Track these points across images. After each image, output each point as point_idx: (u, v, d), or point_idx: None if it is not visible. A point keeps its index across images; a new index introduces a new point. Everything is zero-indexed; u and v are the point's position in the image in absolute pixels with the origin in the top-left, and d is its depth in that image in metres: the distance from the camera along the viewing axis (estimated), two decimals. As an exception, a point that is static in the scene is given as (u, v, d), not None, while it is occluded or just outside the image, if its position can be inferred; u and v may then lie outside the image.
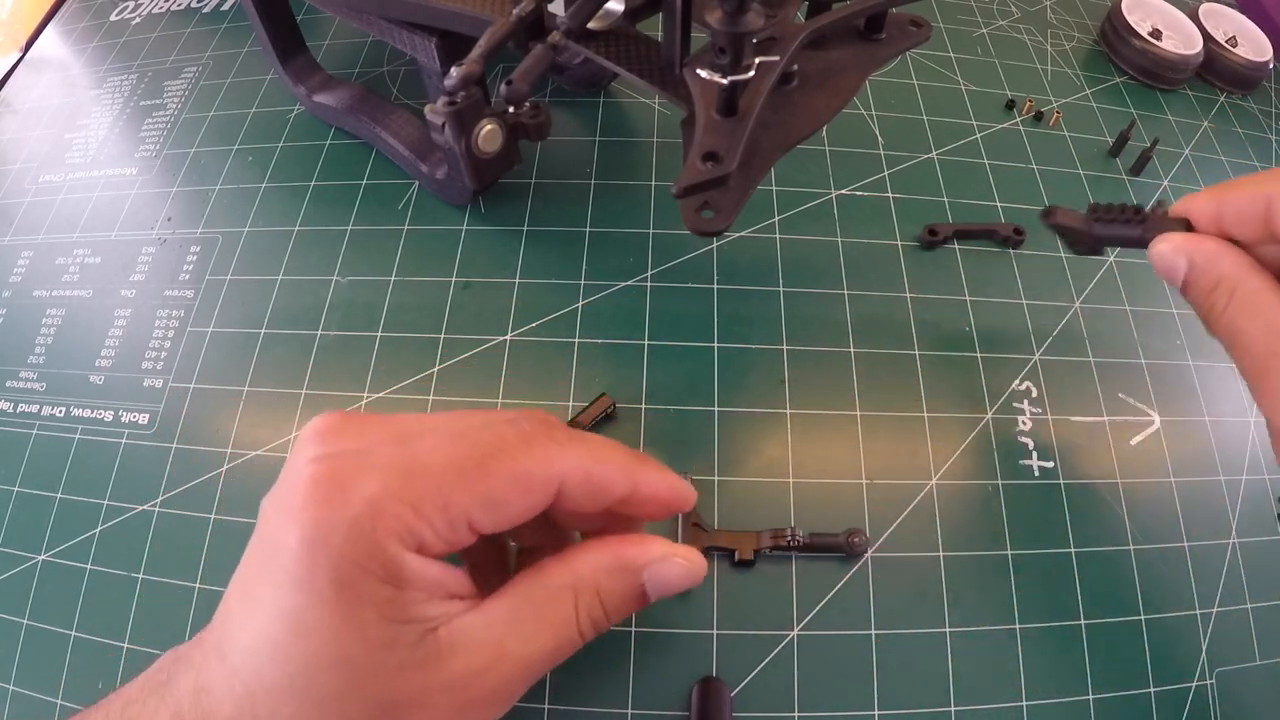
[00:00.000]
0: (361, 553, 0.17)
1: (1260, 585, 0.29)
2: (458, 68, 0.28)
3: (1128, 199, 0.39)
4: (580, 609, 0.20)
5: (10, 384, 0.35)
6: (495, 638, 0.18)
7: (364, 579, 0.17)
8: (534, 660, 0.19)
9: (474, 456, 0.18)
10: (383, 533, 0.17)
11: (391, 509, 0.17)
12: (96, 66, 0.48)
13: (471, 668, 0.18)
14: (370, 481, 0.17)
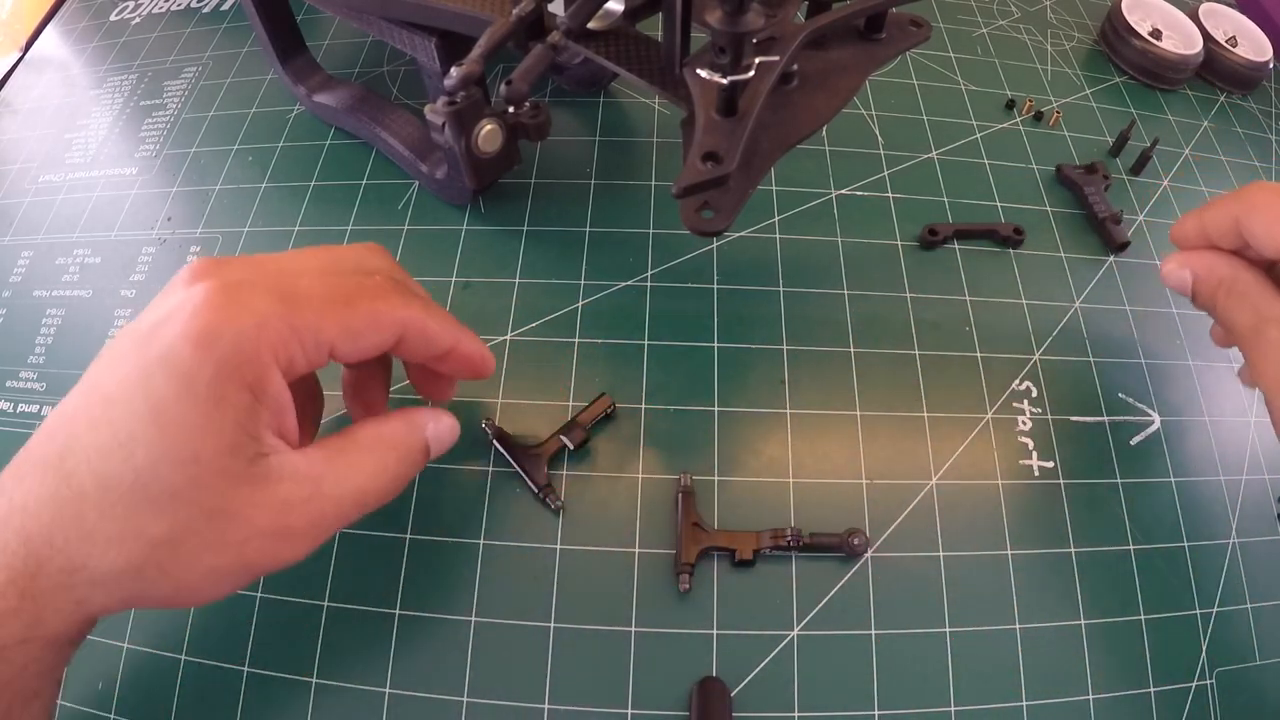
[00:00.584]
0: (243, 359, 0.19)
1: (1260, 585, 0.29)
2: (458, 68, 0.28)
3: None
4: (387, 463, 0.23)
5: (10, 384, 0.35)
6: (314, 474, 0.21)
7: (235, 384, 0.19)
8: (345, 501, 0.22)
9: (343, 294, 0.22)
10: (263, 345, 0.19)
11: (275, 325, 0.20)
12: (96, 66, 0.48)
13: (292, 496, 0.20)
14: (260, 299, 0.20)
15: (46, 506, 0.19)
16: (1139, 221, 0.38)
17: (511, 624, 0.27)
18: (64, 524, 0.19)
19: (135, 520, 0.19)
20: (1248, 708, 0.27)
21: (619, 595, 0.27)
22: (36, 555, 0.19)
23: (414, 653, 0.27)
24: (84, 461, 0.19)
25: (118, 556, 0.19)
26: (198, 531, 0.19)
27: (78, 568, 0.19)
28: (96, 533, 0.19)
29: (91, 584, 0.19)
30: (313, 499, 0.21)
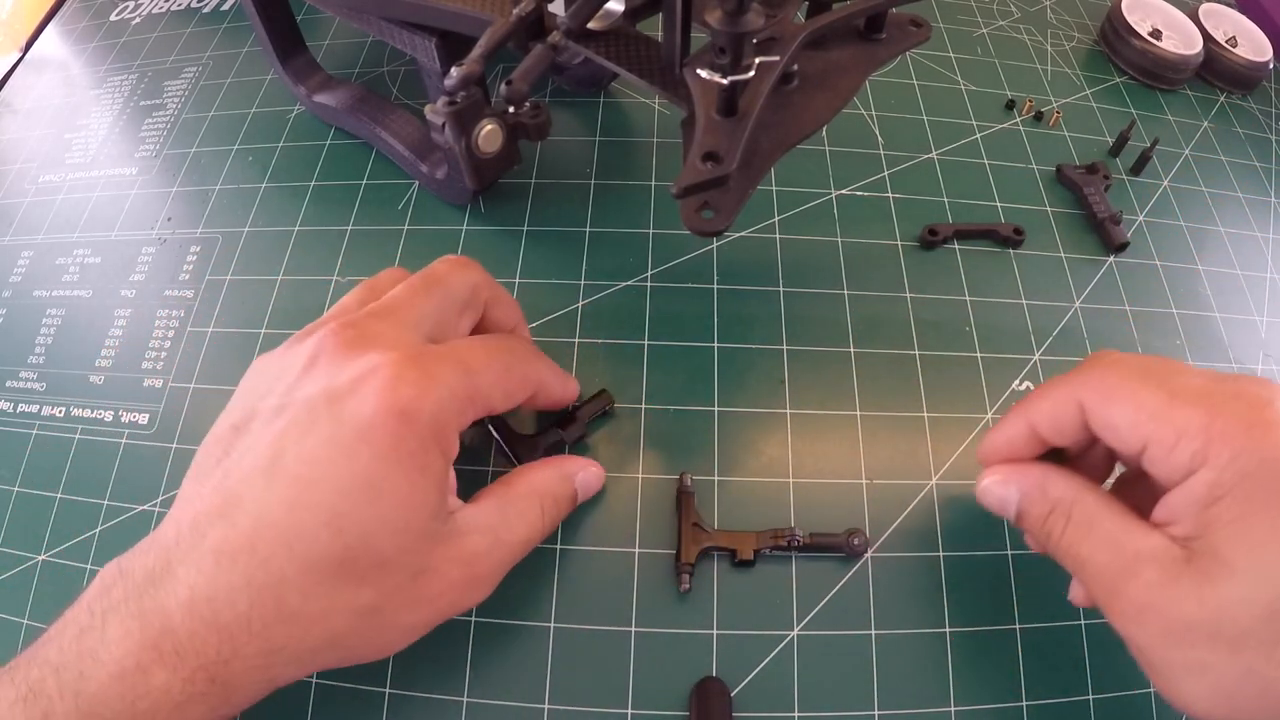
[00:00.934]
0: (439, 429, 0.21)
1: (1260, 585, 0.29)
2: (458, 68, 0.28)
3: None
4: (546, 513, 0.25)
5: (10, 384, 0.35)
6: (492, 525, 0.23)
7: (435, 452, 0.21)
8: (515, 546, 0.24)
9: (506, 364, 0.24)
10: (452, 415, 0.21)
11: (462, 396, 0.22)
12: (96, 66, 0.48)
13: (479, 548, 0.22)
14: (447, 373, 0.21)
15: (242, 594, 0.18)
16: (1139, 222, 0.38)
17: (511, 624, 0.27)
18: (263, 609, 0.18)
19: (343, 595, 0.19)
20: (1248, 708, 0.27)
21: (619, 595, 0.27)
22: (232, 642, 0.18)
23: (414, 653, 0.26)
24: (283, 546, 0.19)
25: (321, 632, 0.19)
26: (402, 593, 0.20)
27: (276, 649, 0.19)
28: (300, 614, 0.19)
29: (288, 662, 0.19)
30: (494, 548, 0.23)
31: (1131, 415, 0.20)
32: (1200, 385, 0.20)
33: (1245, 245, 0.39)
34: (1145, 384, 0.20)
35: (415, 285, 0.25)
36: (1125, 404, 0.21)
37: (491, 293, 0.27)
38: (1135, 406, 0.20)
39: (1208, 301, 0.36)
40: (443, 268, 0.26)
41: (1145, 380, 0.21)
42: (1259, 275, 0.38)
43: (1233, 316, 0.36)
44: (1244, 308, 0.37)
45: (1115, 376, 0.21)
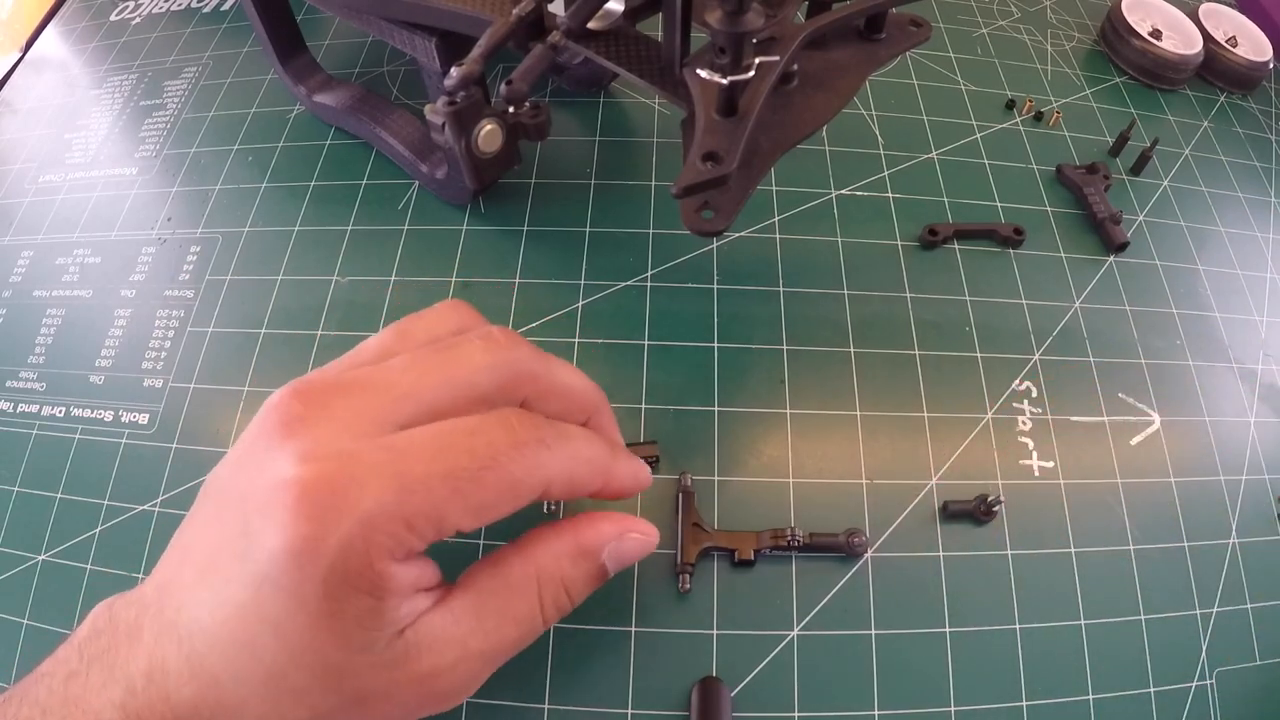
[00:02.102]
0: (352, 570, 0.17)
1: (1260, 585, 0.29)
2: (458, 68, 0.28)
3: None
4: (545, 599, 0.20)
5: (10, 384, 0.35)
6: (460, 635, 0.19)
7: (351, 594, 0.17)
8: (496, 654, 0.20)
9: (469, 469, 0.18)
10: (375, 551, 0.17)
11: (386, 527, 0.17)
12: (96, 66, 0.48)
13: (438, 666, 0.18)
14: (365, 497, 0.17)
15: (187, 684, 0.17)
16: (1139, 221, 0.38)
17: (511, 624, 0.27)
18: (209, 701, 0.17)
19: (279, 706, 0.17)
20: (1248, 708, 0.27)
21: (619, 595, 0.27)
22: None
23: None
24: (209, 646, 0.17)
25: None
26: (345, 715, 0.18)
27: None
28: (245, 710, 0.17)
29: None
30: (460, 662, 0.19)
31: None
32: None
33: (1245, 245, 0.39)
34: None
35: (421, 358, 0.20)
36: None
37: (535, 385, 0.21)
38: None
39: (1208, 301, 0.36)
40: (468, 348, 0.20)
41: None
42: (1259, 275, 0.38)
43: (1233, 316, 0.36)
44: (1244, 308, 0.37)
45: None
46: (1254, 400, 0.34)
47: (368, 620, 0.17)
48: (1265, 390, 0.34)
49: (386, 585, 0.17)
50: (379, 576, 0.17)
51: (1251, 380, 0.34)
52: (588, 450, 0.21)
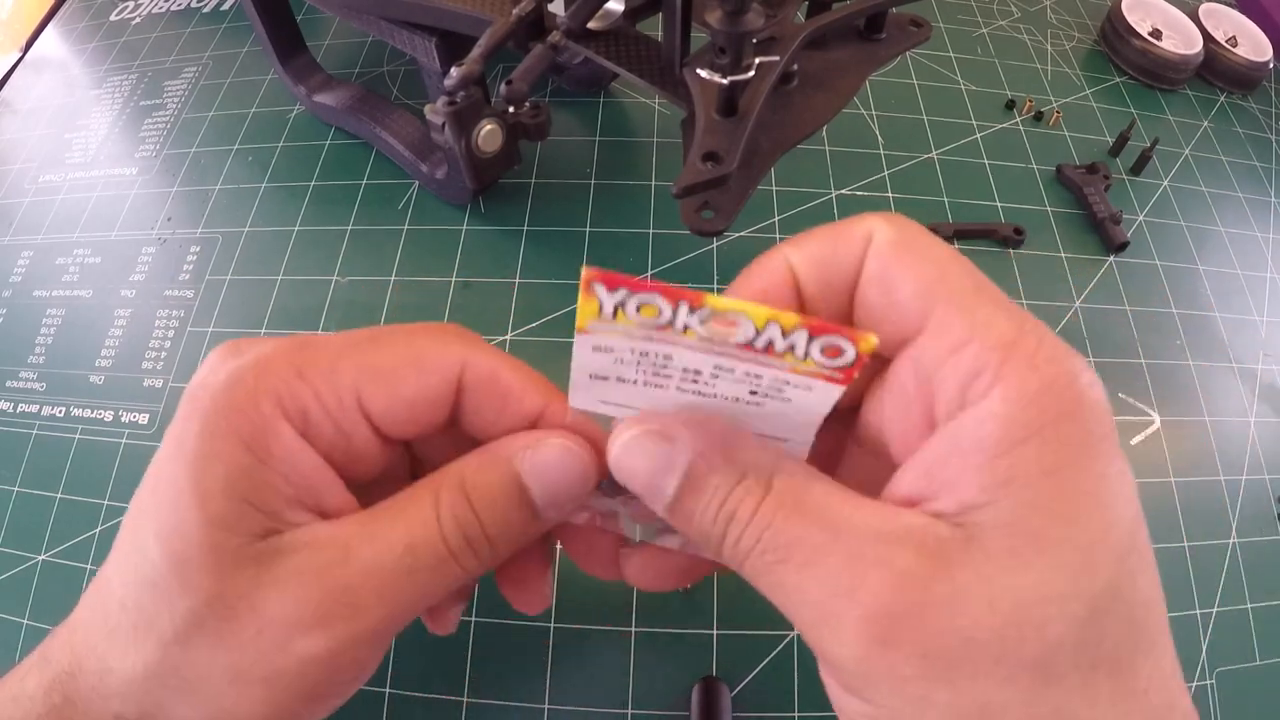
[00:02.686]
0: (233, 404, 0.15)
1: (1260, 585, 0.29)
2: (458, 68, 0.28)
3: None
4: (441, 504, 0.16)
5: (10, 384, 0.35)
6: (341, 537, 0.16)
7: (226, 439, 0.15)
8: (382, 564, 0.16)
9: (369, 336, 0.17)
10: (261, 391, 0.15)
11: (274, 368, 0.16)
12: (96, 66, 0.48)
13: (310, 564, 0.15)
14: (261, 346, 0.16)
15: (88, 600, 0.17)
16: (1139, 221, 0.38)
17: (511, 624, 0.27)
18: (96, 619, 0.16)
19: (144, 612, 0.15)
20: (1248, 708, 0.27)
21: (619, 595, 0.27)
22: (77, 652, 0.16)
23: (414, 654, 0.27)
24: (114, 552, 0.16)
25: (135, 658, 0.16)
26: (202, 623, 0.15)
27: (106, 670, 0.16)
28: (117, 629, 0.16)
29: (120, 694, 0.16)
30: (334, 566, 0.15)
31: (925, 277, 0.15)
32: (1008, 301, 0.15)
33: (1245, 245, 0.39)
34: (954, 260, 0.15)
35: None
36: (923, 263, 0.15)
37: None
38: (934, 271, 0.15)
39: (1208, 301, 0.36)
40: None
41: (955, 258, 0.15)
42: (1259, 275, 0.38)
43: (1233, 316, 0.36)
44: (1244, 308, 0.37)
45: (920, 232, 0.15)
46: (1254, 400, 0.34)
47: (241, 482, 0.15)
48: (1265, 390, 0.34)
49: (268, 439, 0.15)
50: (264, 426, 0.15)
51: (1251, 380, 0.34)
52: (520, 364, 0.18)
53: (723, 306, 0.13)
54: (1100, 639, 0.13)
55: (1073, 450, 0.13)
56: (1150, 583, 0.14)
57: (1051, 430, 0.13)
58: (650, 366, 0.15)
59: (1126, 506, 0.13)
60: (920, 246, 0.15)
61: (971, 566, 0.13)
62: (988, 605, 0.13)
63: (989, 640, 0.13)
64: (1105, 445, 0.13)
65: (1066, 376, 0.13)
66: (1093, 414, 0.13)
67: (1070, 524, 0.13)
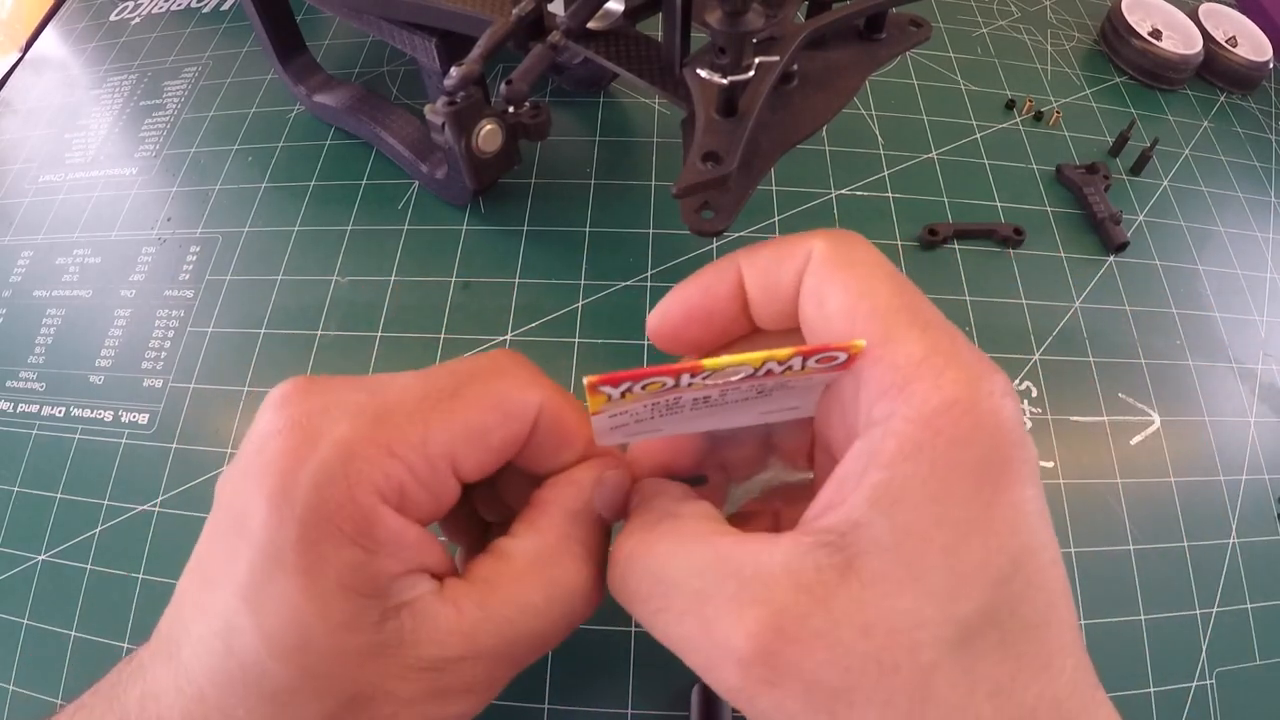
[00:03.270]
0: (330, 504, 0.15)
1: (1260, 585, 0.29)
2: (458, 68, 0.28)
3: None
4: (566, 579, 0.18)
5: (10, 384, 0.35)
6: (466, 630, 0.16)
7: (331, 536, 0.15)
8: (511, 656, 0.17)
9: (449, 387, 0.17)
10: (354, 479, 0.15)
11: (364, 452, 0.15)
12: (96, 66, 0.48)
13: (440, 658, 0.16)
14: (339, 425, 0.15)
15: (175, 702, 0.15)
16: (1139, 221, 0.38)
17: (511, 624, 0.27)
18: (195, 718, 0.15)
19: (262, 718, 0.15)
20: (1248, 708, 0.27)
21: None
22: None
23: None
24: (194, 655, 0.15)
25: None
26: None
27: None
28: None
29: None
30: (466, 660, 0.16)
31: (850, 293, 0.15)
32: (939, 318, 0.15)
33: (1245, 245, 0.39)
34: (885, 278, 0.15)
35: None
36: (851, 280, 0.15)
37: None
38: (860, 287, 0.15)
39: (1208, 301, 0.36)
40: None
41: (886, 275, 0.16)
42: (1259, 275, 0.38)
43: (1233, 316, 0.36)
44: (1244, 308, 0.37)
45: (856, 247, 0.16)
46: (1254, 400, 0.34)
47: (353, 579, 0.15)
48: (1265, 390, 0.34)
49: (374, 530, 0.15)
50: (364, 515, 0.15)
51: (1251, 380, 0.34)
52: (572, 399, 0.19)
53: (721, 365, 0.14)
54: (976, 660, 0.13)
55: (960, 476, 0.13)
56: (1041, 607, 0.14)
57: (943, 453, 0.13)
58: (664, 409, 0.17)
59: (1013, 535, 0.14)
60: (853, 263, 0.16)
61: (847, 594, 0.13)
62: (862, 632, 0.13)
63: (865, 668, 0.13)
64: (999, 471, 0.14)
65: (968, 398, 0.14)
66: (991, 437, 0.14)
67: (945, 552, 0.13)
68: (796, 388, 0.16)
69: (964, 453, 0.13)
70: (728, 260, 0.17)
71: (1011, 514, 0.14)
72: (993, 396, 0.14)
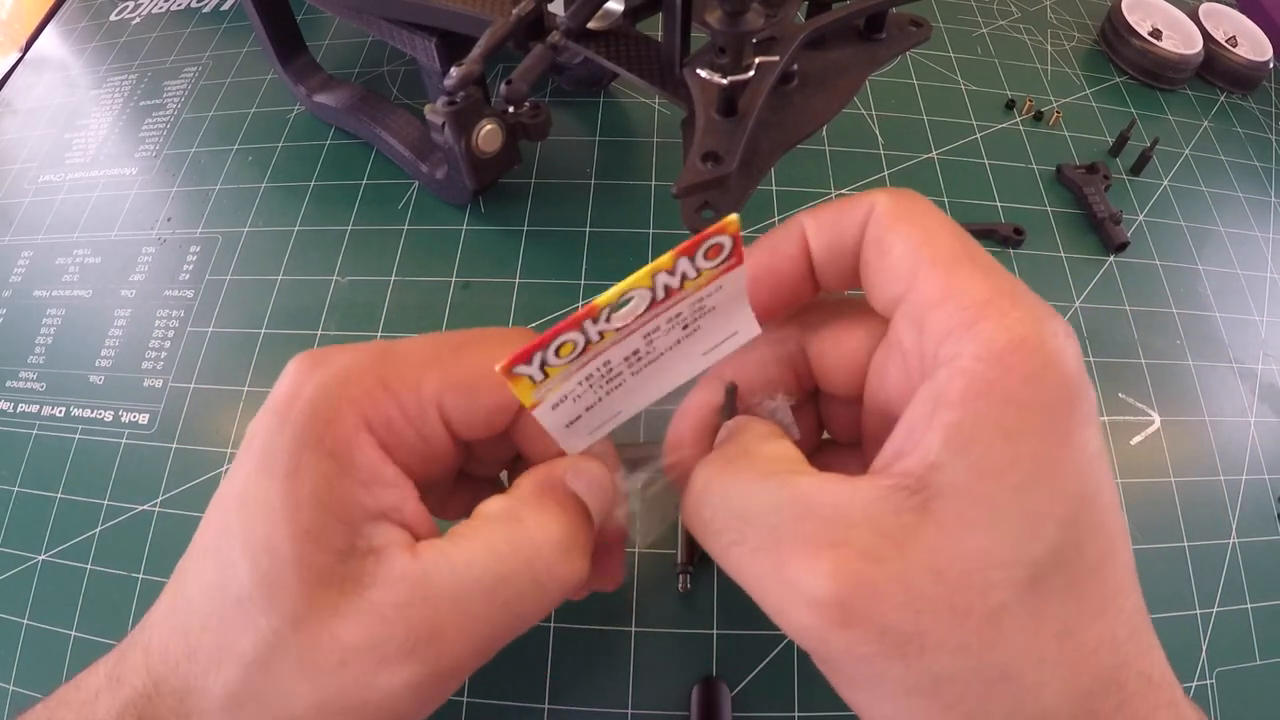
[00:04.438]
0: (318, 420, 0.15)
1: (1260, 585, 0.29)
2: (458, 68, 0.28)
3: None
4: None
5: (10, 384, 0.35)
6: (418, 572, 0.15)
7: (312, 446, 0.15)
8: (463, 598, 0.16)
9: (454, 343, 0.18)
10: (344, 401, 0.16)
11: (359, 380, 0.16)
12: (96, 66, 0.48)
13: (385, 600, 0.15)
14: (344, 356, 0.17)
15: (165, 619, 0.16)
16: (1139, 221, 0.38)
17: (511, 624, 0.27)
18: (175, 639, 0.16)
19: (228, 633, 0.15)
20: (1248, 708, 0.27)
21: (619, 595, 0.27)
22: (155, 673, 0.16)
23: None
24: (193, 568, 0.16)
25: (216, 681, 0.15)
26: (286, 647, 0.15)
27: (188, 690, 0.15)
28: (198, 649, 0.15)
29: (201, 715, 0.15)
30: (414, 606, 0.15)
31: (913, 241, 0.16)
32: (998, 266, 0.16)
33: (1245, 245, 0.39)
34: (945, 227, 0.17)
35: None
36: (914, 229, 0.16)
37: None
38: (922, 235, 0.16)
39: (1208, 301, 0.36)
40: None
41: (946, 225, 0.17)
42: (1259, 275, 0.38)
43: (1233, 316, 0.36)
44: (1244, 307, 0.37)
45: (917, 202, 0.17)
46: (1254, 400, 0.34)
47: (324, 491, 0.15)
48: (1265, 390, 0.34)
49: (351, 451, 0.16)
50: (345, 434, 0.16)
51: (1251, 380, 0.34)
52: None
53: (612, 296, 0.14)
54: (1044, 602, 0.13)
55: (1032, 414, 0.13)
56: (1102, 547, 0.14)
57: (1015, 390, 0.13)
58: (600, 380, 0.16)
59: (1079, 477, 0.14)
60: (915, 215, 0.16)
61: (923, 538, 0.13)
62: (936, 576, 0.13)
63: (937, 610, 0.13)
64: (1067, 410, 0.14)
65: (1036, 337, 0.13)
66: (1059, 376, 0.14)
67: (1018, 492, 0.13)
68: (717, 306, 0.16)
69: (1034, 391, 0.13)
70: (793, 221, 0.18)
71: (1078, 455, 0.14)
72: (1058, 336, 0.14)
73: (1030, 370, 0.13)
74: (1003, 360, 0.13)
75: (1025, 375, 0.13)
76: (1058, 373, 0.14)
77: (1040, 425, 0.13)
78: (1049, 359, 0.13)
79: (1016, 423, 0.13)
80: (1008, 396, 0.13)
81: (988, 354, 0.13)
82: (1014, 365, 0.13)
